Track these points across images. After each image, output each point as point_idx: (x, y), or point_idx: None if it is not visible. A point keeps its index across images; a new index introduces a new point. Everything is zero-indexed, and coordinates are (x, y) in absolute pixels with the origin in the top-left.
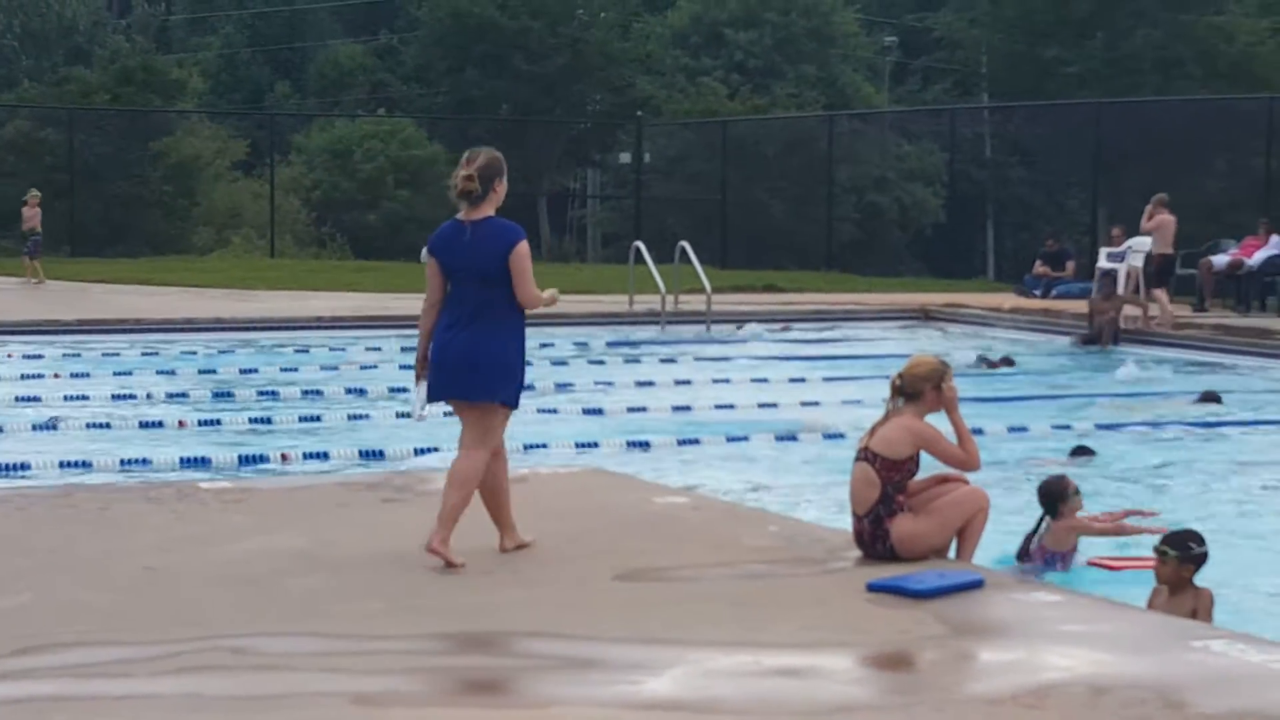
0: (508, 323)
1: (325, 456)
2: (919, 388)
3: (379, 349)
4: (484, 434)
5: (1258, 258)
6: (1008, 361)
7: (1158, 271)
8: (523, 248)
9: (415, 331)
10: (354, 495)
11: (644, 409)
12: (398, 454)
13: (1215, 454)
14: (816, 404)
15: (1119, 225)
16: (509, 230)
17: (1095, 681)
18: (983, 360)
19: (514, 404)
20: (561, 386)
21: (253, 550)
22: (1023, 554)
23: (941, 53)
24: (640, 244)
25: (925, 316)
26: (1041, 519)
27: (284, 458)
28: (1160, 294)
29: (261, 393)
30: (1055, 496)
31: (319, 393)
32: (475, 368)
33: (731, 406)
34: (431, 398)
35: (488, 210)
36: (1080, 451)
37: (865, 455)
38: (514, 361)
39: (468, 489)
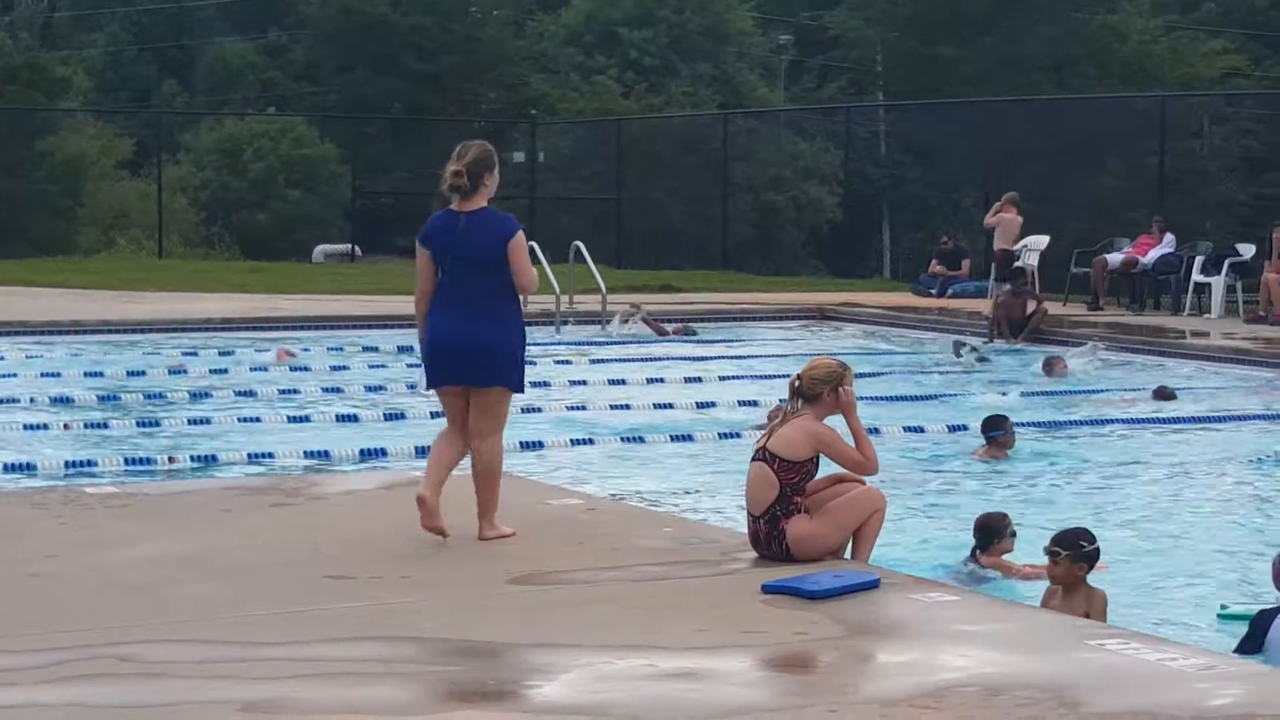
0: (509, 308)
1: (214, 460)
2: (818, 390)
3: (269, 349)
4: (497, 419)
5: (1151, 256)
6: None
7: (998, 266)
8: (520, 236)
9: (305, 334)
10: (242, 500)
11: (538, 410)
12: (288, 457)
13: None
14: (713, 404)
15: None
16: (506, 220)
17: (990, 681)
18: (960, 346)
19: (521, 388)
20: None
21: (140, 556)
22: None
23: (837, 51)
24: (534, 244)
25: (821, 316)
26: (973, 550)
27: (171, 461)
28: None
29: (149, 395)
30: (991, 532)
31: (208, 395)
32: (485, 354)
33: (627, 407)
34: (432, 384)
35: (481, 201)
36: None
37: (763, 456)
38: (518, 346)
39: (498, 475)
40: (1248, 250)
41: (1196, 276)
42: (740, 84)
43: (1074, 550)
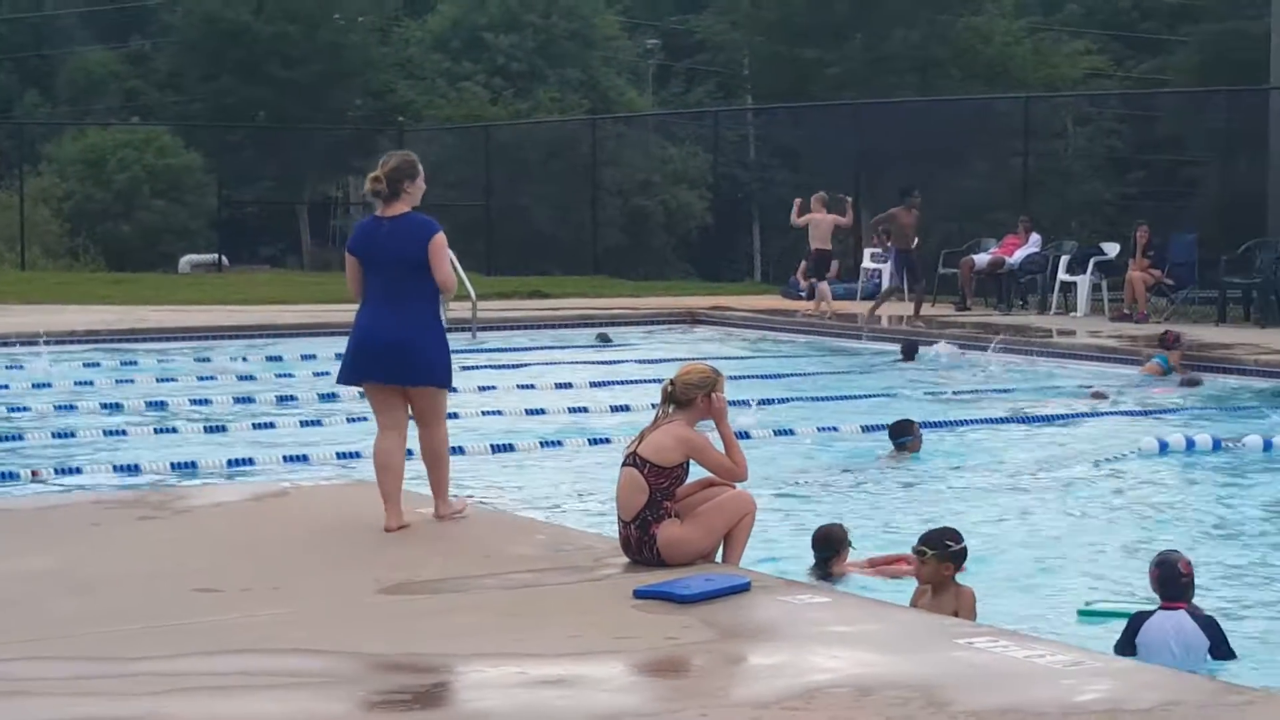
0: (430, 308)
1: (79, 472)
2: (690, 395)
3: (135, 363)
4: (436, 411)
5: (1017, 256)
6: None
7: (815, 265)
8: (440, 238)
9: (175, 344)
10: (110, 513)
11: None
12: (154, 471)
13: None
14: (585, 410)
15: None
16: (427, 223)
17: (861, 682)
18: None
19: (449, 383)
20: (325, 397)
21: (6, 571)
22: None
23: (704, 55)
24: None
25: (692, 320)
26: (817, 562)
27: (35, 475)
28: (823, 286)
29: (12, 409)
30: (834, 542)
31: (73, 408)
32: (411, 352)
33: (499, 413)
34: (352, 380)
35: (403, 207)
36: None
37: (634, 461)
38: (443, 345)
39: (446, 459)
40: (1112, 249)
41: (1062, 275)
42: (608, 89)
43: (940, 550)
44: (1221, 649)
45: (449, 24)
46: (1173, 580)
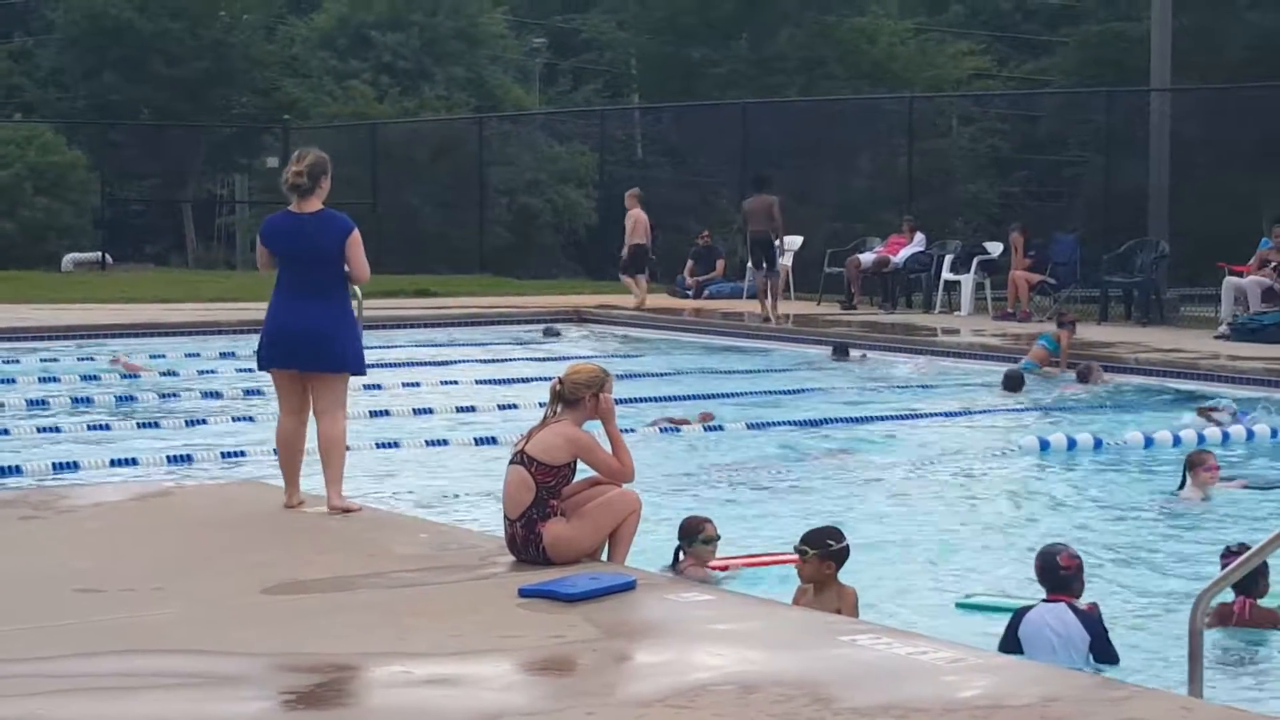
0: (341, 299)
1: None
2: (579, 394)
3: (17, 362)
4: (339, 398)
5: (902, 255)
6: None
7: (631, 260)
8: (356, 234)
9: (54, 344)
10: None
11: None
12: (36, 470)
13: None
14: (471, 409)
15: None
16: (343, 220)
17: (745, 680)
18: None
19: (361, 369)
20: (209, 395)
21: None
22: None
23: (591, 54)
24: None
25: (579, 318)
26: (677, 551)
27: None
28: (641, 280)
29: None
30: (689, 533)
31: None
32: (325, 341)
33: (386, 413)
34: (266, 365)
35: (316, 203)
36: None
37: (521, 459)
38: (354, 333)
39: (343, 448)
40: (996, 248)
41: (946, 275)
42: (495, 87)
43: (821, 549)
44: (1102, 648)
45: (335, 22)
46: (1051, 572)
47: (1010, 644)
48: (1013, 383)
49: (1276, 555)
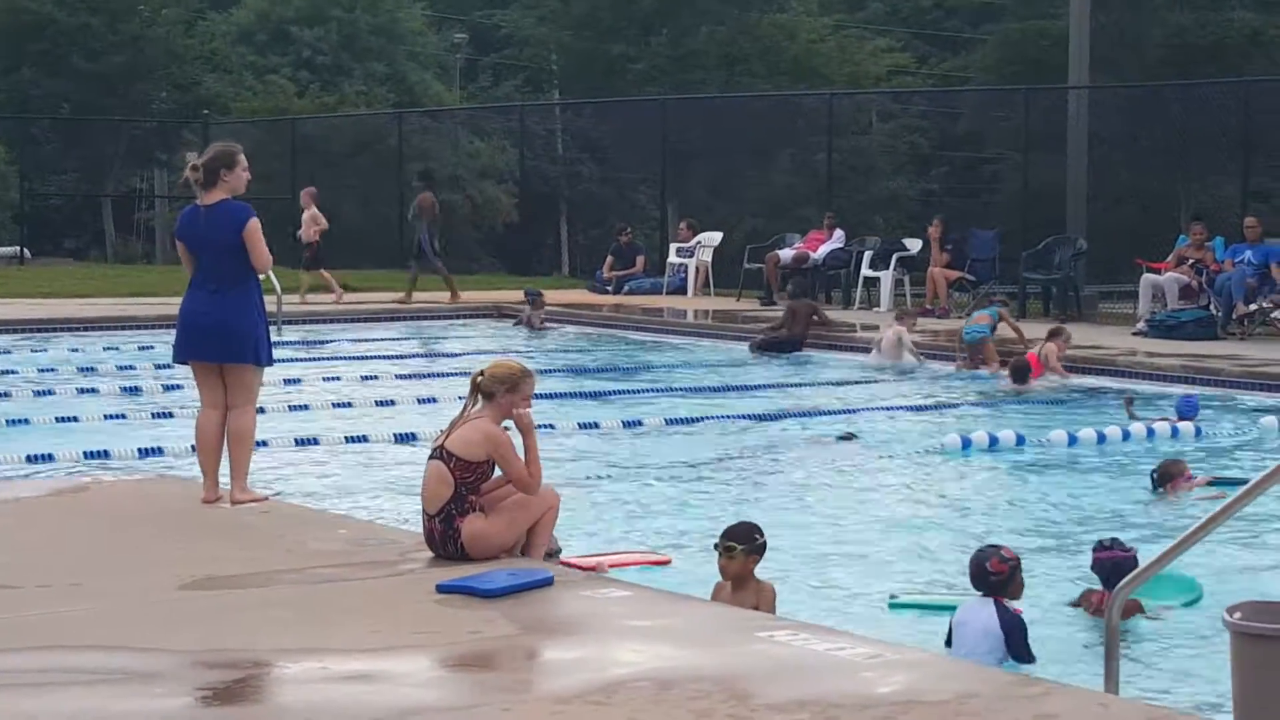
0: (247, 290)
1: None
2: (492, 389)
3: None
4: (249, 391)
5: (822, 251)
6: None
7: (314, 257)
8: (253, 223)
9: None
10: None
11: None
12: None
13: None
14: (391, 403)
15: (686, 220)
16: (240, 210)
17: (661, 675)
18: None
19: (268, 360)
20: (128, 390)
21: None
22: None
23: (511, 50)
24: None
25: (499, 314)
26: None
27: None
28: (326, 275)
29: None
30: None
31: None
32: (229, 333)
33: (305, 408)
34: (179, 359)
35: (220, 195)
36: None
37: (440, 454)
38: (259, 324)
39: (249, 441)
40: (914, 245)
41: (866, 271)
42: (415, 83)
43: (749, 543)
44: (1018, 648)
45: (254, 17)
46: (981, 578)
47: (949, 640)
48: (1020, 373)
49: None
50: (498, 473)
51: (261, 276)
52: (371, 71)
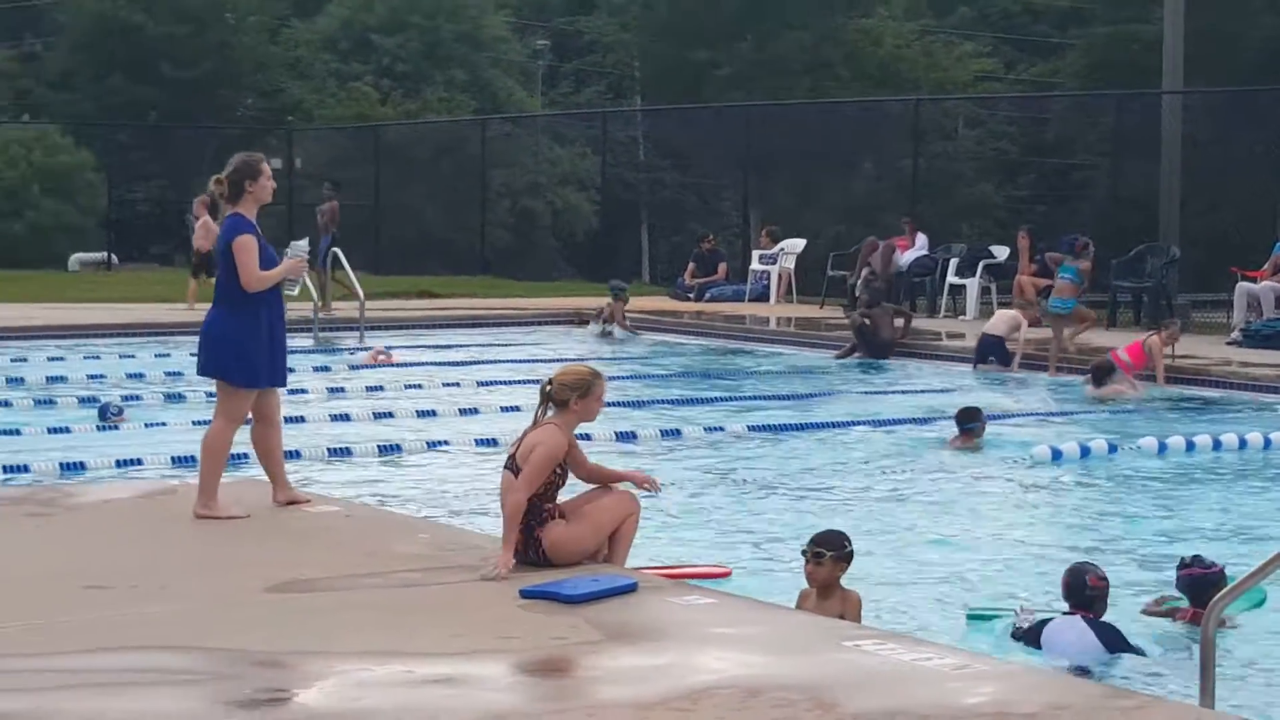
0: (233, 305)
1: None
2: (564, 396)
3: (25, 360)
4: (220, 403)
5: (906, 258)
6: None
7: (197, 265)
8: (240, 240)
9: (60, 343)
10: None
11: (301, 419)
12: (44, 470)
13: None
14: (474, 411)
15: (767, 228)
16: (232, 227)
17: (747, 683)
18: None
19: (234, 380)
20: (214, 395)
21: None
22: None
23: (594, 56)
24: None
25: (580, 321)
26: None
27: None
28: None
29: None
30: None
31: None
32: (205, 344)
33: (389, 415)
34: None
35: (240, 208)
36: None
37: (511, 464)
38: (229, 341)
39: (212, 454)
40: (1001, 252)
41: (952, 278)
42: (497, 89)
43: (838, 550)
44: (1126, 649)
45: (338, 24)
46: (1078, 591)
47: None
48: (1100, 374)
49: None
50: (587, 486)
51: (291, 291)
52: (453, 78)
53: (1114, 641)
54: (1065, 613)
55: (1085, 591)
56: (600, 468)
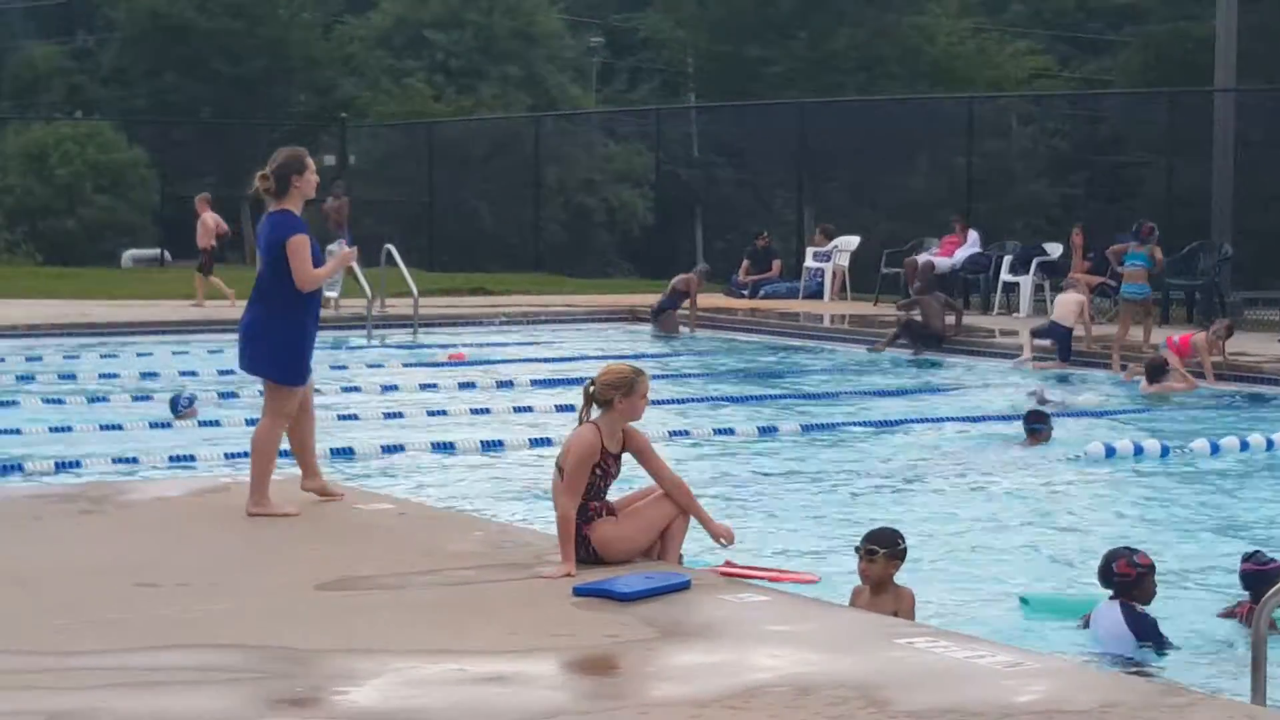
0: (281, 304)
1: (20, 469)
2: (608, 396)
3: (77, 357)
4: (269, 402)
5: (959, 256)
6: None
7: (208, 260)
8: (297, 240)
9: (114, 339)
10: (50, 507)
11: (355, 417)
12: (96, 465)
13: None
14: (529, 409)
15: (822, 226)
16: (286, 224)
17: (800, 681)
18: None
19: (283, 380)
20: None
21: None
22: None
23: (648, 53)
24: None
25: (634, 318)
26: None
27: None
28: (205, 280)
29: None
30: None
31: (14, 403)
32: (248, 342)
33: (443, 413)
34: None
35: (287, 204)
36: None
37: (558, 466)
38: (279, 341)
39: (261, 452)
40: (1055, 249)
41: (1005, 276)
42: (551, 86)
43: (891, 548)
44: (1155, 642)
45: (392, 21)
46: (1105, 576)
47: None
48: (1155, 371)
49: None
50: (635, 485)
51: (331, 294)
52: (507, 75)
53: (1144, 630)
54: (1110, 597)
55: (1112, 578)
56: (680, 486)
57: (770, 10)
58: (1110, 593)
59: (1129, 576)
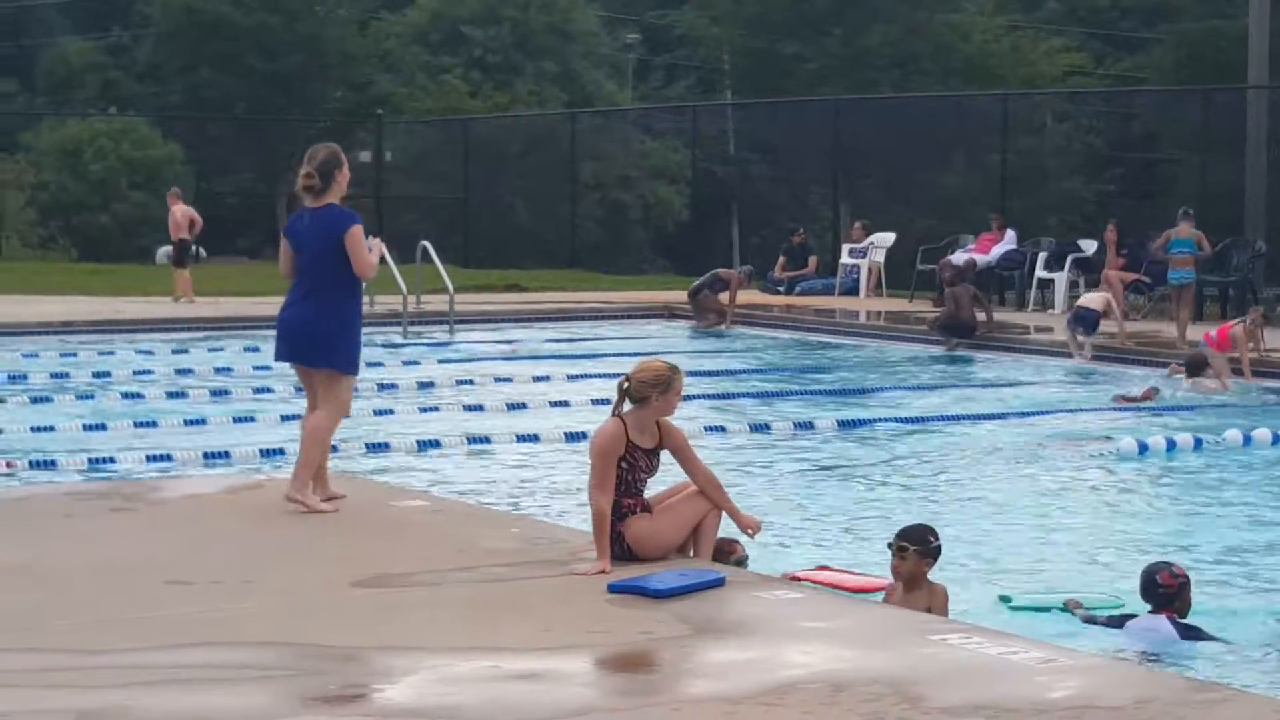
0: (341, 296)
1: (53, 465)
2: (644, 393)
3: (113, 353)
4: (327, 395)
5: (995, 252)
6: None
7: (179, 255)
8: (355, 230)
9: (149, 335)
10: (84, 504)
11: (390, 412)
12: (129, 462)
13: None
14: (565, 404)
15: (860, 221)
16: (343, 216)
17: (834, 678)
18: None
19: (348, 369)
20: (301, 390)
21: None
22: None
23: (683, 50)
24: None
25: (669, 314)
26: None
27: (9, 466)
28: (184, 274)
29: None
30: (718, 555)
31: (49, 400)
32: (309, 335)
33: (480, 408)
34: (277, 358)
35: (329, 199)
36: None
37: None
38: (344, 332)
39: (320, 444)
40: (1090, 246)
41: (1040, 272)
42: (587, 82)
43: (923, 545)
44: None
45: (428, 17)
46: (1149, 590)
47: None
48: (1194, 367)
49: None
50: (669, 482)
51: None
52: (543, 71)
53: (1198, 640)
54: (1150, 611)
55: (1157, 590)
56: (713, 482)
57: (805, 7)
58: (1149, 607)
59: (1171, 588)
